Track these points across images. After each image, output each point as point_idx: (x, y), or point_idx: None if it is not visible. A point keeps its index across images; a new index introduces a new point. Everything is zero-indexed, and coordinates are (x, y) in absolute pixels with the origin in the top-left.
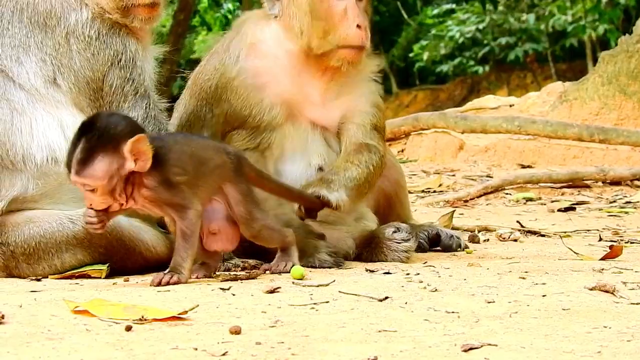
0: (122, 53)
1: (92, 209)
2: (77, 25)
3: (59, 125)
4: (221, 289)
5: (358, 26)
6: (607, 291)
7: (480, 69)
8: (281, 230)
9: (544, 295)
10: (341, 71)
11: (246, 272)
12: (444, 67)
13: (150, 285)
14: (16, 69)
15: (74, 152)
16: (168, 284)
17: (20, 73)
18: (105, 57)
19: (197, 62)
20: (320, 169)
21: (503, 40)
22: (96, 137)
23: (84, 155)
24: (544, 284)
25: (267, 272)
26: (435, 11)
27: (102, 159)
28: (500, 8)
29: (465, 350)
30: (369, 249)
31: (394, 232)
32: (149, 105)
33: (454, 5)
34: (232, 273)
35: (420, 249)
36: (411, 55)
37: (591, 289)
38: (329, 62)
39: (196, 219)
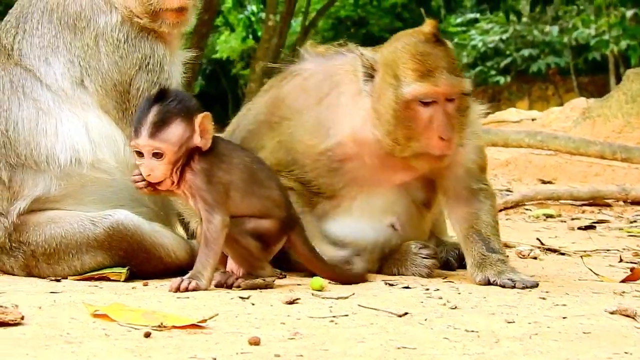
0: (150, 57)
1: (146, 181)
2: (106, 28)
3: (84, 127)
4: (240, 297)
5: (441, 138)
6: (628, 316)
7: (502, 79)
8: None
9: (564, 317)
10: None
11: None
12: (466, 76)
13: (169, 291)
14: (44, 69)
15: (145, 116)
16: (187, 290)
17: (47, 73)
18: (133, 60)
19: (218, 61)
20: (393, 226)
21: (526, 52)
22: (173, 104)
23: (160, 118)
24: (564, 305)
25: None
26: (459, 20)
27: (178, 125)
28: (524, 19)
29: None
30: (391, 260)
31: (421, 248)
32: None
33: (477, 15)
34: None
35: (447, 266)
36: None
37: (612, 313)
38: (410, 163)
39: (221, 227)
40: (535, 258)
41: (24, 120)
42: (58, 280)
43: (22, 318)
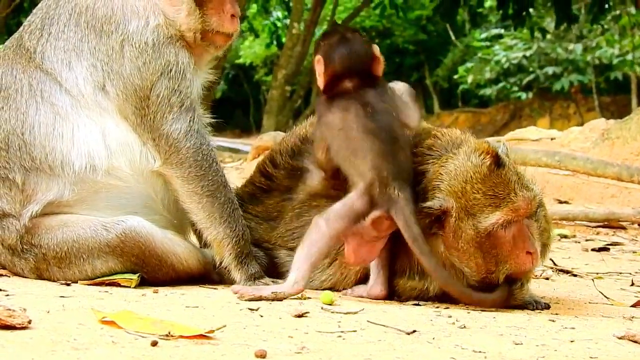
0: (173, 64)
1: None
2: (135, 33)
3: (100, 134)
4: (249, 309)
5: (528, 253)
6: (636, 341)
7: (524, 96)
8: None
9: (572, 341)
10: None
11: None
12: (488, 91)
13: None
14: (65, 73)
15: None
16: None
17: (69, 77)
18: (156, 66)
19: (242, 67)
20: None
21: (550, 70)
22: None
23: None
24: (573, 328)
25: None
26: (484, 35)
27: None
28: (549, 37)
29: None
30: None
31: None
32: (193, 119)
33: (502, 30)
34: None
35: None
36: (456, 76)
37: (620, 338)
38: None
39: None
40: (547, 279)
41: (41, 124)
42: (68, 285)
43: (30, 322)
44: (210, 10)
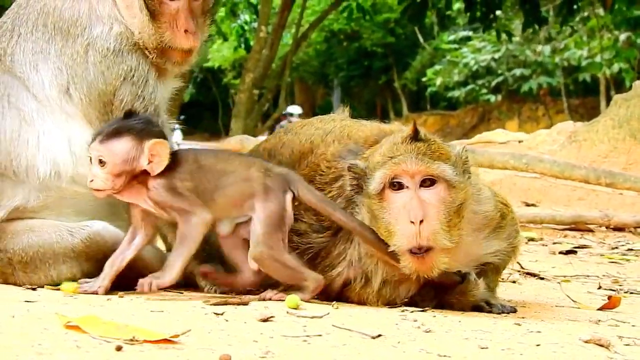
0: (135, 70)
1: (91, 187)
2: (99, 38)
3: (66, 140)
4: (215, 313)
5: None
6: (602, 345)
7: (493, 98)
8: (301, 272)
9: (538, 345)
10: None
11: (239, 298)
12: (456, 93)
13: (139, 292)
14: (33, 76)
15: (105, 126)
16: (150, 289)
17: (35, 81)
18: (119, 71)
19: (210, 70)
20: None
21: (518, 72)
22: (131, 122)
23: (114, 130)
24: (539, 332)
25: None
26: (452, 37)
27: (127, 142)
28: (517, 39)
29: None
30: None
31: None
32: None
33: (470, 33)
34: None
35: None
36: (424, 79)
37: (586, 342)
38: None
39: (200, 226)
40: (514, 282)
41: (7, 130)
42: (34, 289)
43: None
44: (164, 24)
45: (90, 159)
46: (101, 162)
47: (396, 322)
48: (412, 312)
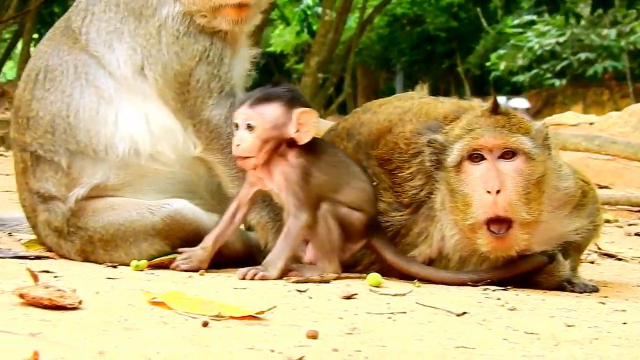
0: (209, 49)
1: (236, 153)
2: (168, 19)
3: (144, 118)
4: (298, 290)
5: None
6: None
7: (557, 83)
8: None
9: (624, 323)
10: None
11: (319, 276)
12: (520, 78)
13: (238, 278)
14: (108, 55)
15: (254, 93)
16: (253, 279)
17: (111, 60)
18: (193, 52)
19: (272, 55)
20: None
21: (582, 56)
22: (282, 90)
23: (264, 96)
24: (624, 310)
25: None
26: (516, 21)
27: (277, 107)
28: (582, 23)
29: None
30: None
31: None
32: (234, 104)
33: (535, 17)
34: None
35: None
36: (488, 64)
37: None
38: None
39: (305, 227)
40: (592, 262)
41: (85, 108)
42: (115, 267)
43: (80, 302)
44: None
45: (237, 124)
46: (249, 127)
47: (479, 300)
48: (494, 290)
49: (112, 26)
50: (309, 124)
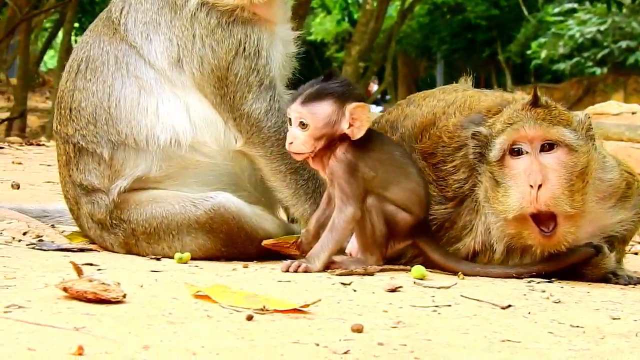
0: (245, 43)
1: (290, 149)
2: (197, 10)
3: (184, 109)
4: (342, 283)
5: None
6: None
7: (598, 71)
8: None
9: None
10: None
11: (364, 269)
12: (561, 66)
13: (281, 270)
14: (146, 46)
15: (306, 88)
16: (296, 271)
17: (150, 51)
18: (228, 46)
19: (312, 43)
20: None
21: (624, 44)
22: (332, 86)
23: (315, 93)
24: None
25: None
26: (557, 9)
27: (330, 104)
28: (624, 11)
29: None
30: None
31: None
32: (274, 97)
33: (576, 5)
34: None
35: None
36: (528, 52)
37: None
38: None
39: (351, 222)
40: (636, 254)
41: (126, 98)
42: (158, 259)
43: (124, 296)
44: None
45: (290, 120)
46: (302, 125)
47: (524, 292)
48: (538, 282)
49: (148, 17)
50: (362, 119)
